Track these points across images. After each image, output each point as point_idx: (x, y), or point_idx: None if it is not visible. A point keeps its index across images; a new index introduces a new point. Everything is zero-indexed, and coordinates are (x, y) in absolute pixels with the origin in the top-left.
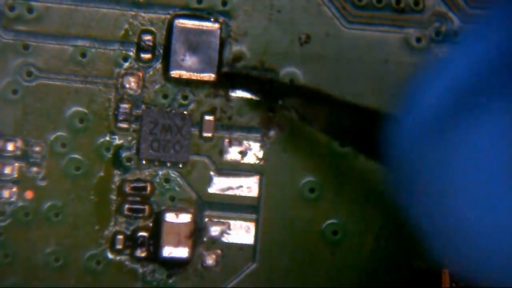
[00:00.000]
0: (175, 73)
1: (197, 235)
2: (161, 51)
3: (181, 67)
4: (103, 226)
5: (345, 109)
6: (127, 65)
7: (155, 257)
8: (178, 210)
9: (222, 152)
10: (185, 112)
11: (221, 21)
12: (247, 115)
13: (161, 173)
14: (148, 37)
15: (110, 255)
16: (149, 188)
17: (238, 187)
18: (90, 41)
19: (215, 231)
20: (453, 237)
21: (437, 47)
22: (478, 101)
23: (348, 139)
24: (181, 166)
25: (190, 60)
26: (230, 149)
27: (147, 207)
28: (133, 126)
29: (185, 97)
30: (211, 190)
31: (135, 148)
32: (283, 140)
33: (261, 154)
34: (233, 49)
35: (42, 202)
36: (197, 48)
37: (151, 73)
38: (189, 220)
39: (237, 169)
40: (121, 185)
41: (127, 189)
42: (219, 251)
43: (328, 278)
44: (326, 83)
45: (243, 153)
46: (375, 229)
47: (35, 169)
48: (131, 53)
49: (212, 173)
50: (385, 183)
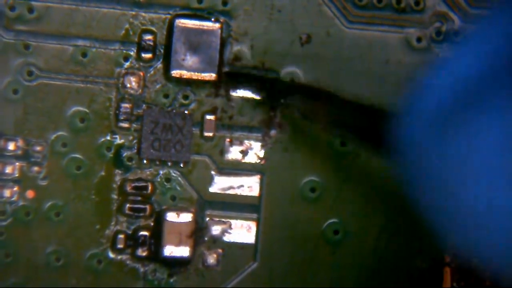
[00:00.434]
0: (176, 73)
1: (198, 234)
2: (162, 50)
3: (182, 67)
4: (104, 225)
5: (348, 107)
6: (127, 64)
7: (156, 256)
8: (179, 209)
9: (223, 151)
10: (186, 111)
11: (221, 21)
12: (248, 115)
13: (162, 172)
14: (148, 37)
15: (111, 255)
16: (150, 187)
17: (239, 187)
18: (90, 41)
19: (216, 230)
20: (459, 224)
21: (438, 47)
22: (482, 94)
23: (351, 136)
24: (182, 165)
25: (190, 59)
26: (231, 149)
27: (148, 207)
28: (134, 125)
29: (186, 97)
30: (212, 189)
31: (136, 147)
32: (284, 139)
33: (262, 153)
34: (233, 49)
35: (43, 201)
36: (197, 48)
37: (152, 72)
38: (190, 219)
39: (238, 169)
40: (122, 185)
41: (128, 188)
42: (220, 251)
43: (328, 277)
44: (326, 83)
45: (244, 153)
46: (376, 228)
47: (36, 168)
48: (132, 53)
49: (213, 172)
50: (390, 178)
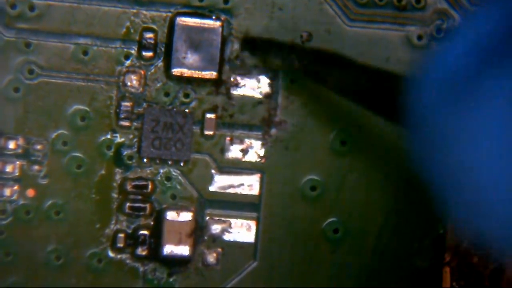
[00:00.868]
0: (176, 71)
1: (198, 233)
2: (163, 49)
3: (182, 65)
4: (104, 224)
5: (364, 72)
6: (128, 63)
7: (156, 255)
8: (179, 208)
9: (223, 150)
10: (187, 110)
11: (222, 19)
12: (248, 113)
13: (162, 171)
14: (149, 35)
15: (111, 254)
16: (150, 186)
17: (239, 185)
18: (91, 39)
19: (216, 229)
20: (466, 195)
21: (439, 45)
22: (496, 62)
23: (366, 101)
24: (182, 164)
25: (191, 58)
26: (231, 147)
27: (148, 206)
28: (135, 124)
29: (187, 95)
30: (212, 188)
31: (136, 146)
32: (284, 138)
33: (262, 152)
34: (234, 47)
35: (43, 200)
36: (198, 46)
37: (153, 71)
38: (190, 218)
39: (238, 167)
40: (122, 183)
41: (128, 187)
42: (220, 249)
43: (328, 276)
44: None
45: (245, 151)
46: (376, 227)
47: (36, 167)
48: (133, 51)
49: (213, 171)
50: (390, 177)
